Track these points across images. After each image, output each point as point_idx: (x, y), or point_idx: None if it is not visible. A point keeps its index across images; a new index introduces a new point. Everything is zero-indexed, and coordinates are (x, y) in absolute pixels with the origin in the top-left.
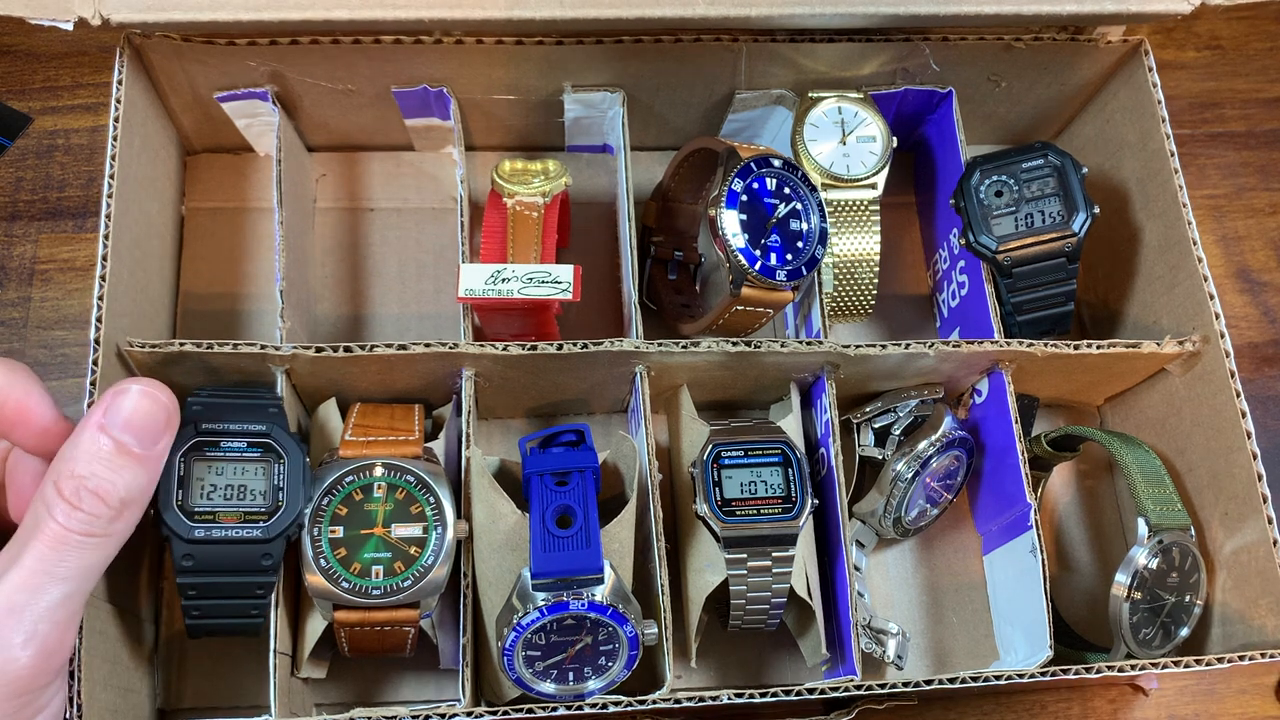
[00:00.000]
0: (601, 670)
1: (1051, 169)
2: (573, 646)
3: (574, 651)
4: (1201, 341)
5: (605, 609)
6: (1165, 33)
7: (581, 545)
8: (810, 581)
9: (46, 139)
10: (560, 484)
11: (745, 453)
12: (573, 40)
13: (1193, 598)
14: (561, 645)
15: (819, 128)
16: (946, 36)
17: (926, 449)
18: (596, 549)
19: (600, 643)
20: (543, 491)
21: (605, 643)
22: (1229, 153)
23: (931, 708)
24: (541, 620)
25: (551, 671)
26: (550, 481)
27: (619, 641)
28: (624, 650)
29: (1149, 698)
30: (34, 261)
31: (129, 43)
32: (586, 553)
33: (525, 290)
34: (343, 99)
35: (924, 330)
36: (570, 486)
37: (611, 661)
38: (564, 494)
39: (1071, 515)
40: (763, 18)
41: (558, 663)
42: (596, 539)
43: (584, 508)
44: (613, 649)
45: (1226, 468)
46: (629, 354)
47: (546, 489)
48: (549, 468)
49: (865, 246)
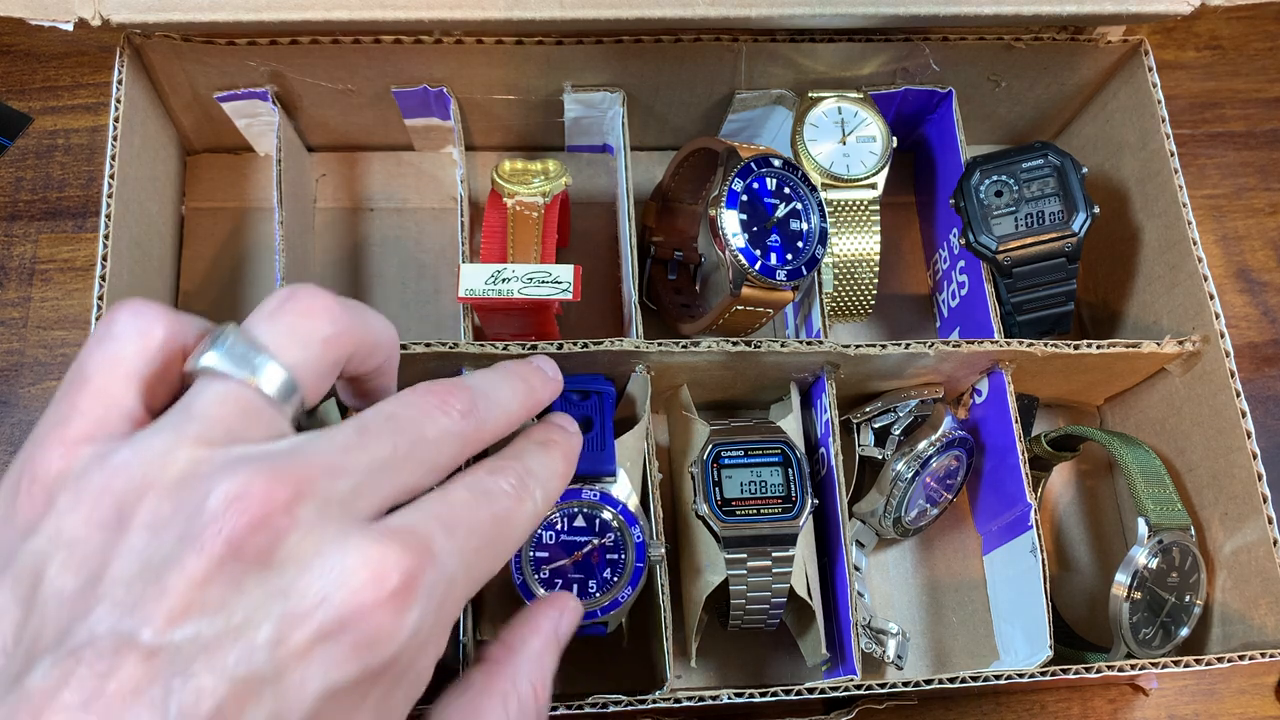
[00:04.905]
0: (605, 585)
1: (1051, 169)
2: (580, 550)
3: (580, 555)
4: (1201, 341)
5: (617, 503)
6: (1165, 33)
7: (598, 449)
8: (810, 581)
9: (46, 139)
10: (582, 399)
11: (745, 452)
12: (573, 40)
13: (1193, 598)
14: (570, 546)
15: (819, 128)
16: (946, 36)
17: (926, 449)
18: (611, 452)
19: (607, 549)
20: (564, 406)
21: (612, 549)
22: (1229, 153)
23: (931, 708)
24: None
25: (556, 581)
26: (573, 397)
27: (626, 550)
28: (630, 562)
29: (1149, 698)
30: (34, 261)
31: (129, 43)
32: (602, 455)
33: (525, 290)
34: (343, 99)
35: (924, 330)
36: (589, 401)
37: (616, 575)
38: (584, 406)
39: (1071, 515)
40: (763, 18)
41: (562, 569)
42: (611, 445)
43: (601, 419)
44: (618, 559)
45: (1226, 468)
46: (629, 354)
47: (568, 404)
48: (572, 386)
49: (865, 246)
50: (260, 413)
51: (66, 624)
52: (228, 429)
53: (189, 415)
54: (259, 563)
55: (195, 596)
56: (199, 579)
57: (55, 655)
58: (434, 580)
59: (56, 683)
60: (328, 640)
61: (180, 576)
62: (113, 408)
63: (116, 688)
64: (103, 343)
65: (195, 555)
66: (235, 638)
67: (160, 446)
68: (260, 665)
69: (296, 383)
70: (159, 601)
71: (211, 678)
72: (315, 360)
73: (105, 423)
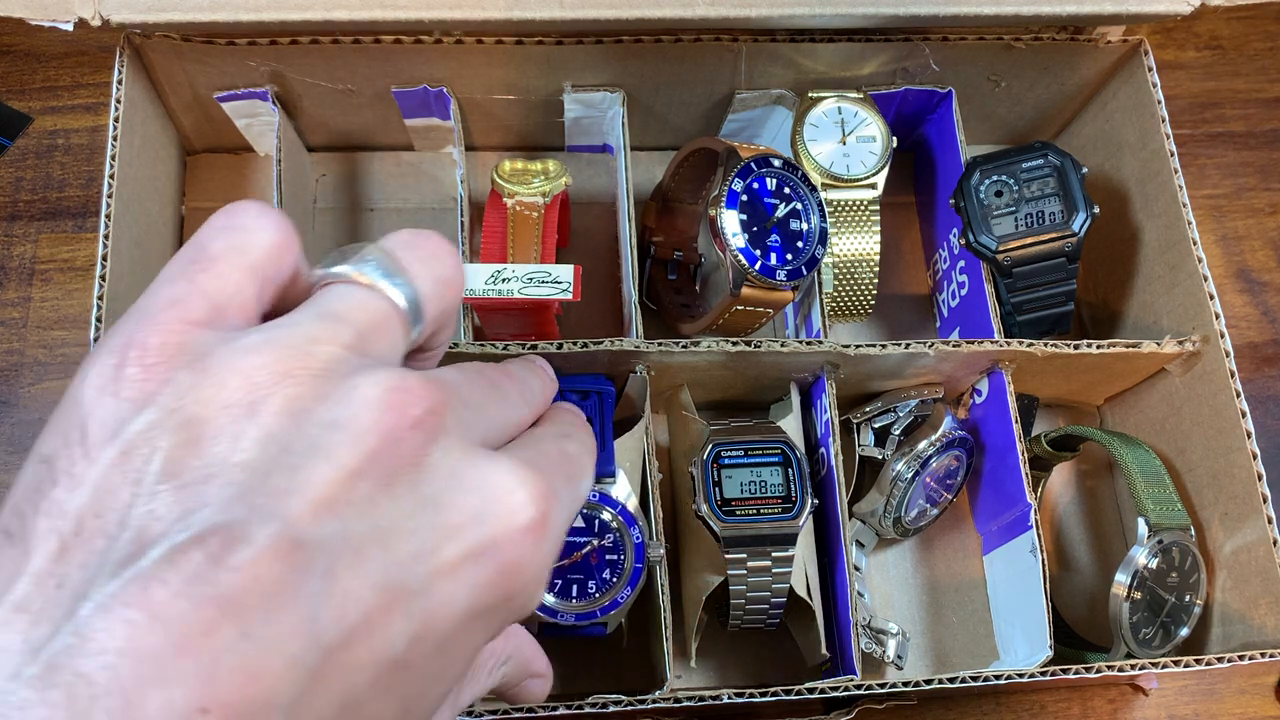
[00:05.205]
0: (605, 586)
1: (1051, 169)
2: (579, 550)
3: (579, 556)
4: (1201, 341)
5: (616, 504)
6: (1165, 33)
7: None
8: (810, 581)
9: (46, 139)
10: (581, 399)
11: (745, 452)
12: (573, 40)
13: (1193, 598)
14: (569, 547)
15: (819, 128)
16: (946, 36)
17: (926, 449)
18: (610, 453)
19: (606, 550)
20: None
21: (611, 550)
22: (1229, 153)
23: (931, 708)
24: None
25: (556, 581)
26: (573, 397)
27: (625, 552)
28: (629, 563)
29: (1149, 698)
30: (34, 261)
31: (129, 43)
32: (601, 455)
33: (525, 290)
34: (343, 99)
35: (924, 330)
36: (589, 401)
37: (615, 576)
38: (584, 407)
39: (1071, 515)
40: (763, 18)
41: (561, 569)
42: (611, 446)
43: (600, 419)
44: (618, 560)
45: (1226, 468)
46: (629, 354)
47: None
48: (571, 386)
49: (865, 246)
50: (395, 329)
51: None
52: (363, 336)
53: (327, 313)
54: (413, 465)
55: (342, 491)
56: (350, 471)
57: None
58: (559, 515)
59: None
60: (477, 560)
61: (328, 466)
62: (235, 295)
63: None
64: (228, 230)
65: (347, 446)
66: (384, 543)
67: (297, 336)
68: (410, 576)
69: (423, 313)
70: (301, 493)
71: (358, 582)
72: (436, 299)
73: (225, 311)
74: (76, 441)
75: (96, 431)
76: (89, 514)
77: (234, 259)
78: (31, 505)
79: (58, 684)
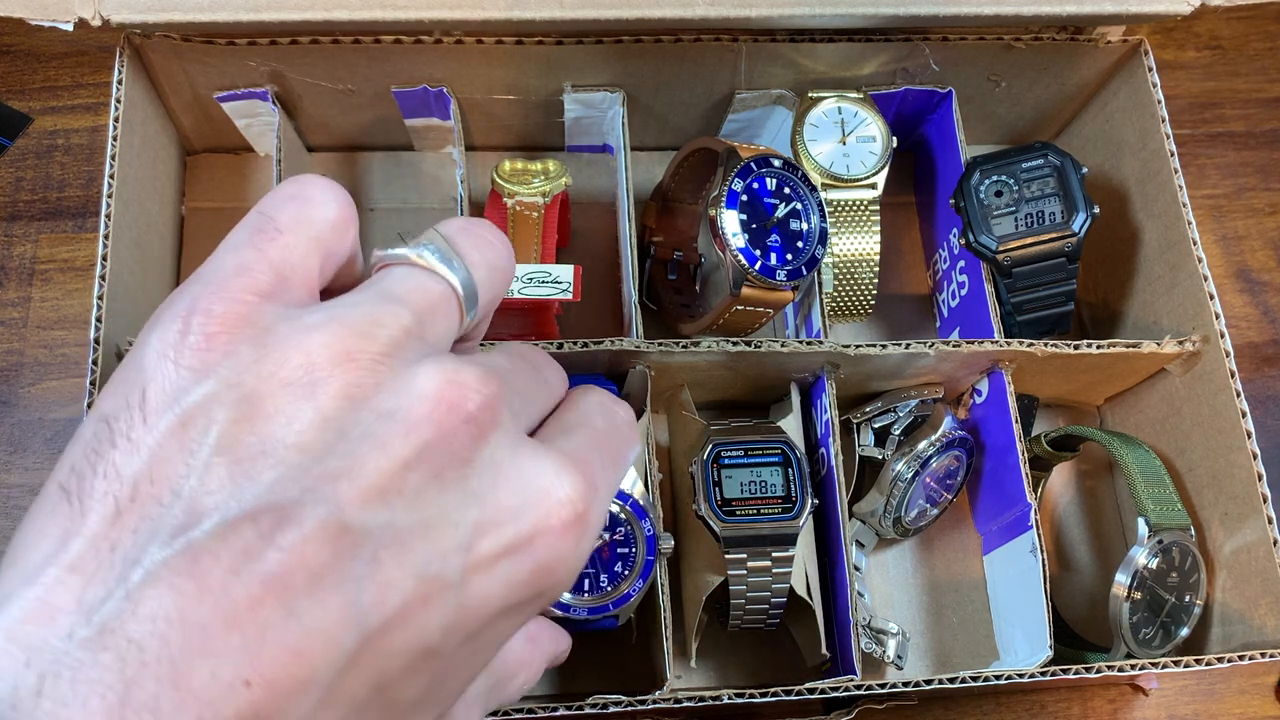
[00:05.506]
0: (617, 579)
1: (1051, 169)
2: None
3: None
4: (1201, 341)
5: (625, 497)
6: (1165, 33)
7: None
8: (810, 581)
9: (46, 139)
10: None
11: (745, 452)
12: (573, 40)
13: (1193, 598)
14: None
15: (819, 128)
16: (946, 36)
17: (926, 449)
18: None
19: (618, 543)
20: None
21: (623, 544)
22: (1229, 153)
23: (931, 708)
24: None
25: None
26: None
27: (636, 544)
28: (640, 555)
29: (1149, 698)
30: (34, 261)
31: (129, 43)
32: None
33: (525, 290)
34: (343, 99)
35: (924, 330)
36: None
37: (627, 569)
38: None
39: (1071, 515)
40: (763, 18)
41: None
42: None
43: None
44: (629, 553)
45: (1226, 468)
46: (629, 354)
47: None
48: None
49: (865, 246)
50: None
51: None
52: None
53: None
54: (461, 460)
55: (394, 481)
56: (401, 462)
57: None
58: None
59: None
60: (514, 555)
61: (382, 455)
62: (300, 267)
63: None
64: (296, 199)
65: (401, 436)
66: (427, 534)
67: (359, 317)
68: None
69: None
70: (353, 479)
71: (400, 571)
72: (489, 285)
73: (290, 282)
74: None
75: (155, 398)
76: (144, 480)
77: (301, 230)
78: (90, 465)
79: (109, 647)
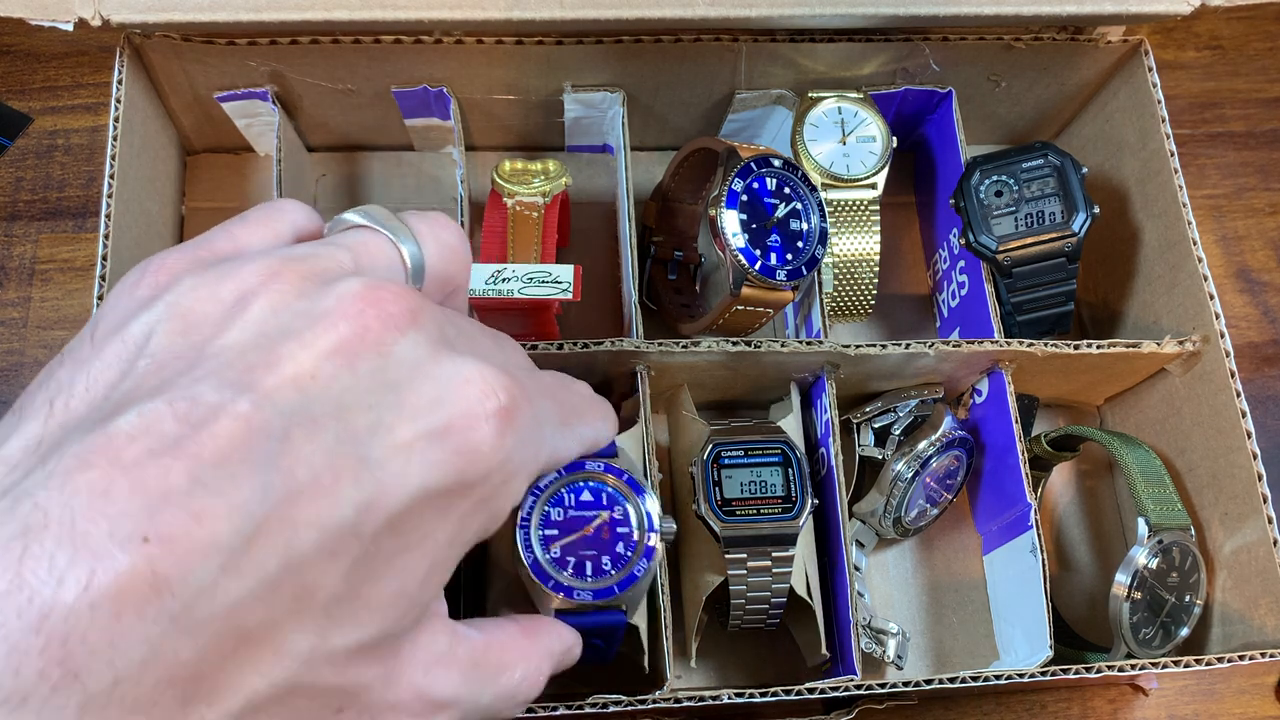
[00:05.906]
0: (619, 561)
1: (1051, 169)
2: (589, 524)
3: (590, 529)
4: (1201, 341)
5: (622, 473)
6: (1165, 33)
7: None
8: (810, 581)
9: (46, 139)
10: None
11: (745, 452)
12: (573, 40)
13: (1193, 598)
14: (579, 521)
15: (819, 128)
16: (946, 36)
17: (926, 449)
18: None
19: (617, 523)
20: None
21: (622, 524)
22: (1229, 153)
23: (931, 708)
24: (558, 480)
25: (569, 559)
26: None
27: (636, 525)
28: (642, 533)
29: (1149, 698)
30: (34, 261)
31: (129, 43)
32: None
33: (525, 290)
34: (343, 99)
35: (924, 330)
36: None
37: (629, 549)
38: None
39: (1071, 515)
40: (763, 18)
41: (573, 545)
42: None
43: None
44: (629, 532)
45: (1226, 468)
46: (629, 354)
47: None
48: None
49: (865, 246)
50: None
51: (164, 380)
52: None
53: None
54: (377, 353)
55: (309, 369)
56: (318, 352)
57: (144, 404)
58: (530, 417)
59: (141, 428)
60: (434, 440)
61: (299, 347)
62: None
63: (207, 439)
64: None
65: (314, 330)
66: (341, 416)
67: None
68: (363, 449)
69: (424, 268)
70: (269, 370)
71: (310, 446)
72: (439, 259)
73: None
74: (88, 334)
75: (105, 324)
76: (81, 387)
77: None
78: (38, 384)
79: (17, 514)
